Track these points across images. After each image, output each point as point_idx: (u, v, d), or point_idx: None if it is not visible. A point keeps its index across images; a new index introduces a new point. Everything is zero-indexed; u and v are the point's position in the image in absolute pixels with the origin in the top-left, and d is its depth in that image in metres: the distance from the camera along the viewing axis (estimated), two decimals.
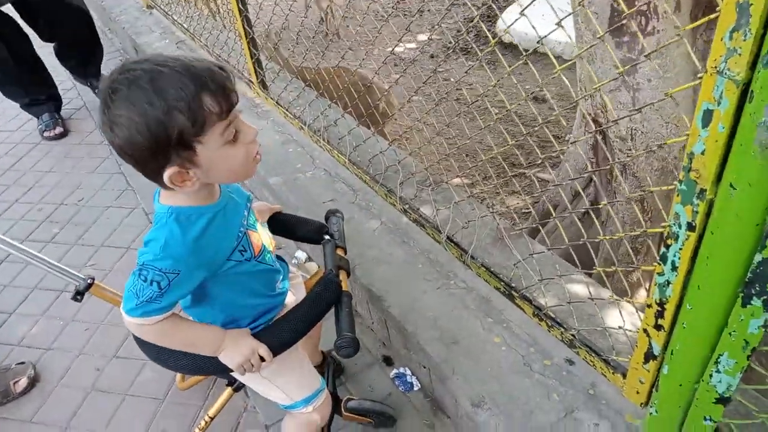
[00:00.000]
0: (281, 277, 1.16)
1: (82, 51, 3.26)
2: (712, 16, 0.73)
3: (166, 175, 0.85)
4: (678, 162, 2.13)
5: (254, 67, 2.35)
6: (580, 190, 2.33)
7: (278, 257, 1.19)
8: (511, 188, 3.16)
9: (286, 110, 2.26)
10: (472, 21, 5.16)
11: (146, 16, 3.88)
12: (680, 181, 0.84)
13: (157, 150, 0.83)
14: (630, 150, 2.16)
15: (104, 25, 4.48)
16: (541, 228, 1.45)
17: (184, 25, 3.25)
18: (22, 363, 1.75)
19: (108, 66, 3.82)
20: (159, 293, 0.90)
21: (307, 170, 2.10)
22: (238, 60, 2.59)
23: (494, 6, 1.64)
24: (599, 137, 2.30)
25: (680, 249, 0.89)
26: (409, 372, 1.59)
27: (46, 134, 3.09)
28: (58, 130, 3.09)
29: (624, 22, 1.78)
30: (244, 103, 2.51)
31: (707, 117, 0.75)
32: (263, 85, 2.42)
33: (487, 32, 1.37)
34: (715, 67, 0.72)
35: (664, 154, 2.11)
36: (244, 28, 2.21)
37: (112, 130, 0.83)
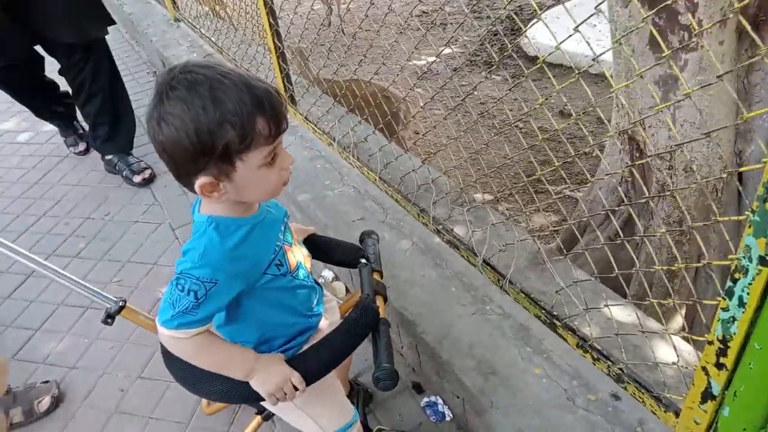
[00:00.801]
0: (317, 296, 1.12)
1: (115, 120, 2.78)
2: None
3: (198, 182, 0.85)
4: (719, 183, 2.05)
5: (283, 82, 2.33)
6: (629, 205, 2.26)
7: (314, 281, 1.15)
8: (537, 205, 3.09)
9: (315, 126, 2.23)
10: (496, 35, 5.12)
11: (173, 29, 3.90)
12: (753, 212, 0.78)
13: (198, 156, 0.82)
14: (669, 169, 2.09)
15: (131, 37, 4.53)
16: (586, 252, 1.38)
17: (212, 38, 3.25)
18: (47, 382, 1.72)
19: (136, 78, 3.85)
20: (195, 304, 0.87)
21: (336, 187, 2.06)
22: (267, 74, 2.57)
23: (517, 19, 1.60)
24: (636, 155, 2.23)
25: (750, 284, 0.82)
26: (440, 401, 1.53)
27: (72, 149, 3.09)
28: (81, 146, 3.07)
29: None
30: None
31: None
32: (292, 100, 2.39)
33: (536, 51, 1.32)
34: None
35: (704, 173, 2.03)
36: (274, 42, 2.20)
37: (159, 126, 0.82)
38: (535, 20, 1.20)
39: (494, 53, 2.50)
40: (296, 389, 0.98)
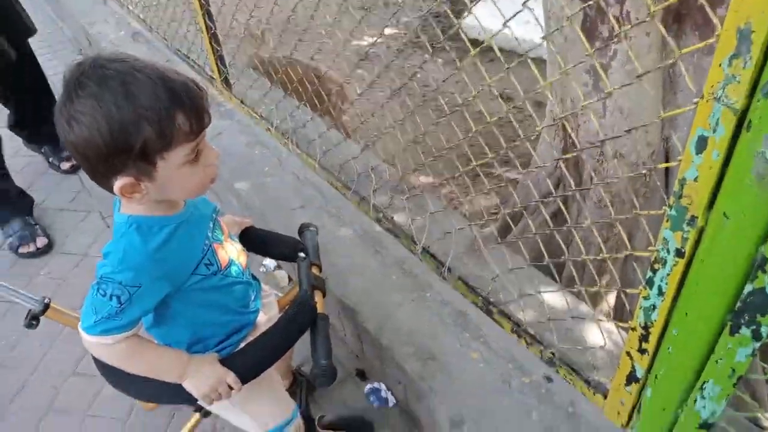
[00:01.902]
0: (254, 292, 1.10)
1: (37, 113, 2.52)
2: (710, 40, 0.71)
3: (118, 184, 0.81)
4: (647, 168, 2.15)
5: (217, 64, 2.26)
6: (552, 189, 2.33)
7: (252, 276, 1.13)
8: (479, 188, 3.14)
9: (252, 110, 2.18)
10: (438, 16, 5.12)
11: (101, 5, 3.69)
12: (670, 206, 0.82)
13: (114, 156, 0.78)
14: (600, 155, 2.17)
15: (55, 13, 4.26)
16: (519, 239, 1.42)
17: (141, 15, 3.10)
18: None
19: (59, 57, 3.64)
20: (119, 309, 0.84)
21: (275, 174, 2.02)
22: (199, 55, 2.48)
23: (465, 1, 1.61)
24: (569, 141, 2.30)
25: (668, 274, 0.87)
26: (383, 387, 1.55)
27: (21, 250, 2.14)
28: (40, 242, 2.16)
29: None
30: None
31: (701, 144, 0.73)
32: (226, 83, 2.32)
33: (477, 33, 1.33)
34: (712, 94, 0.69)
35: (633, 159, 2.12)
36: (205, 22, 2.12)
37: (70, 125, 0.78)
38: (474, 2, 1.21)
39: (433, 37, 2.51)
40: (231, 389, 0.97)
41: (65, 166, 2.58)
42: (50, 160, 2.62)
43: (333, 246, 1.70)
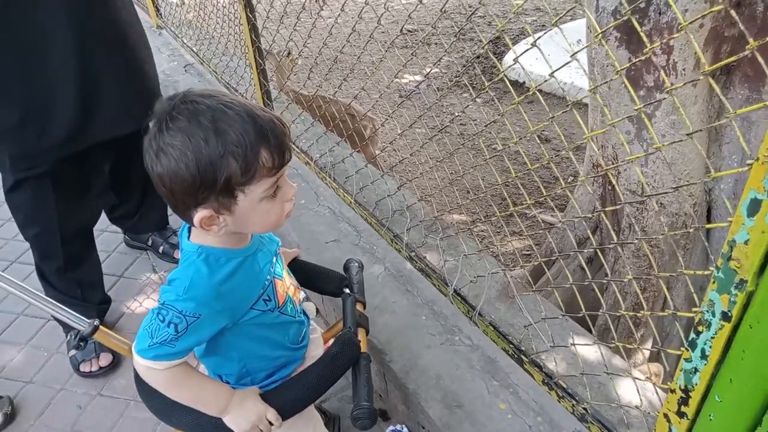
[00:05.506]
0: (305, 329, 1.10)
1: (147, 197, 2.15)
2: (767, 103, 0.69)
3: (198, 216, 0.82)
4: (688, 219, 2.09)
5: (263, 98, 2.32)
6: (590, 236, 2.28)
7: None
8: (512, 228, 3.11)
9: (293, 144, 2.22)
10: (478, 57, 5.17)
11: (155, 36, 3.86)
12: (717, 268, 0.79)
13: (198, 189, 0.80)
14: (640, 203, 2.13)
15: None
16: (554, 285, 1.39)
17: (194, 48, 3.22)
18: (0, 397, 1.66)
19: None
20: (174, 336, 0.85)
21: (311, 207, 2.04)
22: (247, 89, 2.55)
23: (506, 38, 1.61)
24: (608, 188, 2.27)
25: (712, 338, 0.83)
26: (406, 430, 1.52)
27: (82, 369, 1.80)
28: (104, 359, 1.82)
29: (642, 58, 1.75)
30: None
31: (754, 206, 0.71)
32: None
33: (517, 75, 1.33)
34: None
35: (675, 209, 2.07)
36: (255, 59, 2.18)
37: (158, 158, 0.80)
38: (517, 45, 1.22)
39: (473, 77, 2.52)
40: (272, 424, 0.96)
41: (179, 254, 1.90)
42: (160, 250, 2.25)
43: (366, 283, 1.69)
